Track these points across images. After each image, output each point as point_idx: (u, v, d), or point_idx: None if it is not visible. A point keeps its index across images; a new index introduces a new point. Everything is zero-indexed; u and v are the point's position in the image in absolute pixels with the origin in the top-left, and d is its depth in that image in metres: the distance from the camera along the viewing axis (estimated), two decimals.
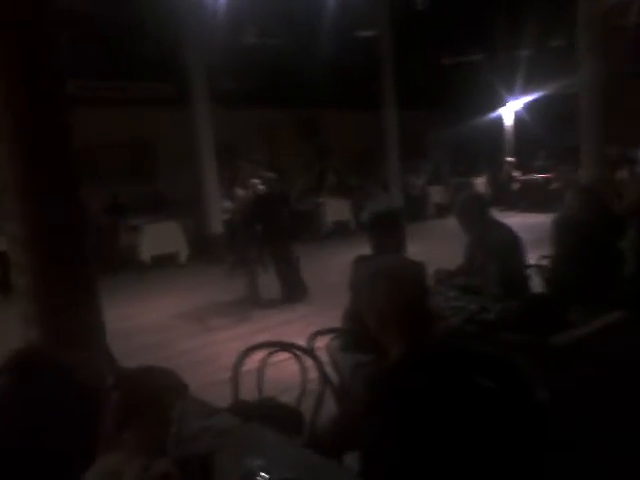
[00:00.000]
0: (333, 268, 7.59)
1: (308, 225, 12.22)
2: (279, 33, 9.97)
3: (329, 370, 2.71)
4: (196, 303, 7.38)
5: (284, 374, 2.79)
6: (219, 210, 10.38)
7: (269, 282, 7.18)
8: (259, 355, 2.59)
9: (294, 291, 7.08)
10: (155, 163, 13.06)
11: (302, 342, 2.80)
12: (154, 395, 1.56)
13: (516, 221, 6.52)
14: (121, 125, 11.98)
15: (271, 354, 2.51)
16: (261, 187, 7.24)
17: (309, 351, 2.51)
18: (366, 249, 3.17)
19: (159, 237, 9.81)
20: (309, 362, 2.56)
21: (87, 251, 2.39)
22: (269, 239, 7.00)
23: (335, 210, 12.42)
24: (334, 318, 3.13)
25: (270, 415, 2.18)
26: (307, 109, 13.90)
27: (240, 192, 7.96)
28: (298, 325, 5.97)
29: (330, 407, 2.37)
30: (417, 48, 12.85)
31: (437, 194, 14.82)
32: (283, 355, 2.63)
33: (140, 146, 12.82)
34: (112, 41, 9.07)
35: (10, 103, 2.24)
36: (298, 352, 2.52)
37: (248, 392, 2.54)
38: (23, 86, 2.28)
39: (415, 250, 3.46)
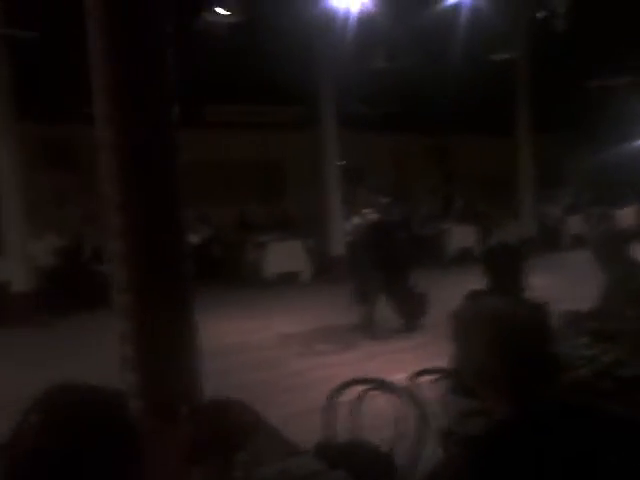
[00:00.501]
0: (455, 296, 7.21)
1: (432, 251, 11.87)
2: (410, 57, 9.85)
3: (436, 413, 2.48)
4: (313, 323, 7.38)
5: (381, 412, 2.60)
6: (341, 232, 10.40)
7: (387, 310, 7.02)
8: (357, 389, 2.44)
9: (411, 320, 6.84)
10: (283, 184, 13.54)
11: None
12: (224, 432, 1.47)
13: None
14: (253, 147, 12.60)
15: (367, 392, 2.35)
16: (373, 215, 7.09)
17: (407, 392, 2.30)
18: None
19: (283, 255, 10.03)
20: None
21: (186, 269, 2.40)
22: (384, 267, 6.82)
23: (460, 236, 11.95)
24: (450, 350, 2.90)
25: (359, 461, 2.02)
26: (436, 134, 13.64)
27: (356, 219, 7.93)
28: (411, 354, 5.74)
29: (428, 455, 2.14)
30: (557, 70, 12.10)
31: (575, 224, 13.74)
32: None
33: (270, 167, 13.37)
34: (245, 67, 9.50)
35: (114, 117, 2.32)
36: (396, 392, 2.32)
37: (341, 428, 2.39)
38: (128, 101, 2.34)
39: (543, 284, 3.13)
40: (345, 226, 10.63)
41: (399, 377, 4.89)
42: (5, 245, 7.49)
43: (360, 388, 2.39)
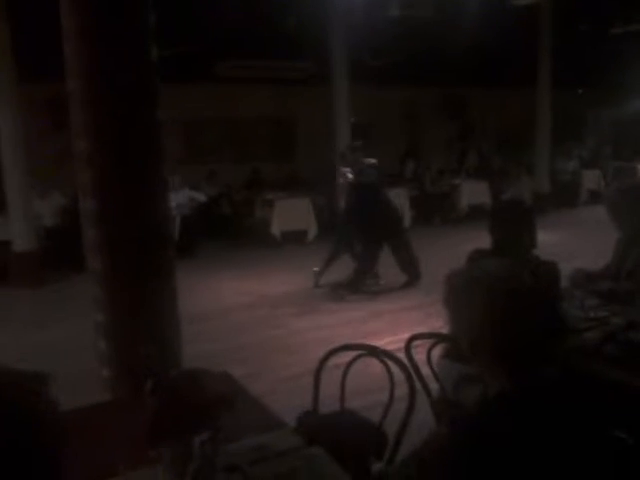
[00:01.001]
0: (464, 254, 7.09)
1: (443, 208, 11.66)
2: (426, 4, 9.36)
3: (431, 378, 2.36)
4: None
5: (375, 379, 2.48)
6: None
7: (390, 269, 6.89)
8: (350, 354, 2.31)
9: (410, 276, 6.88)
10: (294, 140, 13.31)
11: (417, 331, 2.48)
12: (197, 405, 1.33)
13: None
14: (265, 103, 12.34)
15: (356, 359, 2.22)
16: (350, 176, 6.93)
17: (398, 360, 2.17)
18: None
19: (291, 213, 9.88)
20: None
21: (164, 232, 2.25)
22: (361, 229, 6.76)
23: (472, 193, 11.67)
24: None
25: (347, 435, 1.90)
26: (453, 86, 13.18)
27: (340, 181, 7.78)
28: (417, 313, 5.65)
29: (420, 423, 2.01)
30: (580, 16, 11.51)
31: (592, 179, 13.38)
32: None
33: (281, 123, 13.12)
34: (256, 20, 9.14)
35: (85, 66, 2.14)
36: (387, 360, 2.19)
37: (331, 396, 2.27)
38: (102, 47, 2.15)
39: (555, 241, 2.96)
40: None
41: (403, 337, 4.84)
42: (7, 205, 7.42)
43: (352, 354, 2.26)
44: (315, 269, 7.03)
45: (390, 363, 2.14)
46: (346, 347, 2.23)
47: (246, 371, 4.38)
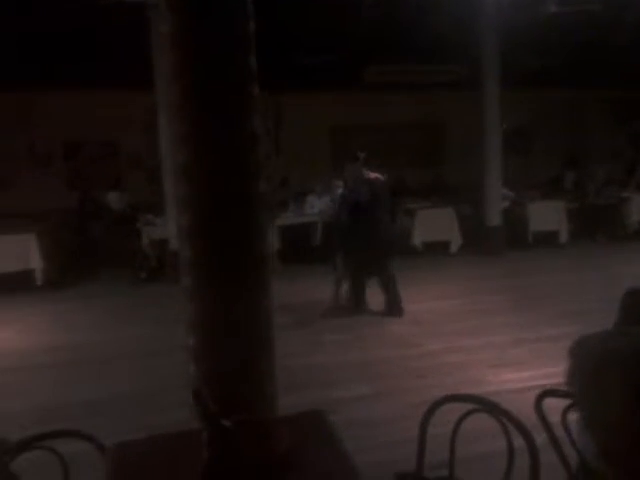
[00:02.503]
0: (629, 279, 6.25)
1: (609, 222, 10.48)
2: None
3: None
4: (458, 299, 6.85)
5: (490, 439, 2.14)
6: (499, 200, 9.58)
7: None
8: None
9: (389, 308, 6.32)
10: (442, 147, 12.87)
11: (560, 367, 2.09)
12: (256, 464, 1.16)
13: None
14: (412, 109, 12.07)
15: (469, 414, 1.90)
16: (340, 190, 6.40)
17: (521, 427, 1.79)
18: None
19: (433, 223, 9.50)
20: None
21: (260, 248, 2.12)
22: (351, 248, 6.26)
23: None
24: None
25: None
26: (619, 88, 11.86)
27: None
28: (561, 345, 5.01)
29: None
30: None
31: None
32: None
33: (429, 130, 12.77)
34: (404, 24, 8.92)
35: (182, 73, 2.07)
36: (507, 421, 1.83)
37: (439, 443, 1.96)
38: (198, 52, 2.07)
39: None
40: (505, 193, 9.84)
41: (544, 372, 4.31)
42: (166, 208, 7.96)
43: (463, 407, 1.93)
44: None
45: (510, 424, 1.79)
46: (457, 398, 1.92)
47: (374, 390, 4.21)
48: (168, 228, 8.01)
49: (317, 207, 9.77)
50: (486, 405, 1.88)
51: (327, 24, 8.40)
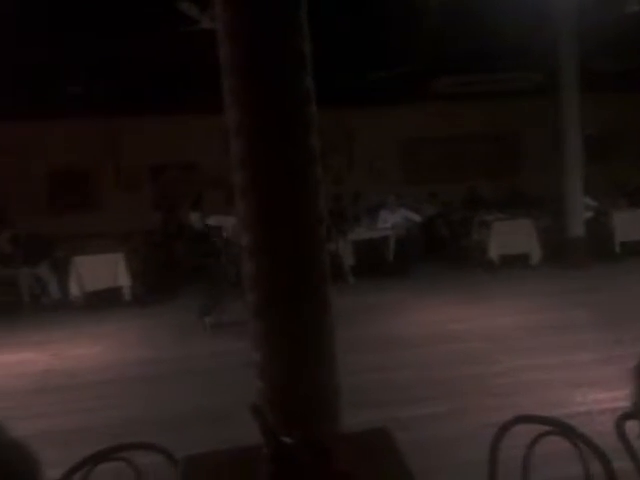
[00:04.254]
0: None
1: None
2: None
3: None
4: (537, 314, 6.64)
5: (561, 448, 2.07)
6: (581, 210, 9.20)
7: None
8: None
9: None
10: (516, 157, 12.56)
11: None
12: None
13: None
14: (483, 119, 11.87)
15: (542, 437, 1.85)
16: None
17: (600, 452, 1.72)
18: None
19: (510, 235, 9.25)
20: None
21: (322, 265, 2.18)
22: None
23: None
24: None
25: None
26: None
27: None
28: None
29: None
30: None
31: None
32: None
33: (501, 140, 12.50)
34: (474, 33, 8.80)
35: (239, 93, 2.16)
36: (584, 446, 1.77)
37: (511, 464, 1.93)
38: (256, 76, 2.16)
39: None
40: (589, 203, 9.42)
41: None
42: None
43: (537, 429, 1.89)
44: None
45: (587, 448, 1.74)
46: (529, 419, 1.87)
47: (448, 409, 4.16)
48: None
49: (389, 221, 9.78)
50: (560, 427, 1.82)
51: (395, 38, 8.43)
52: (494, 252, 9.21)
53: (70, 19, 6.28)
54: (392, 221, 9.78)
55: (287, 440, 1.24)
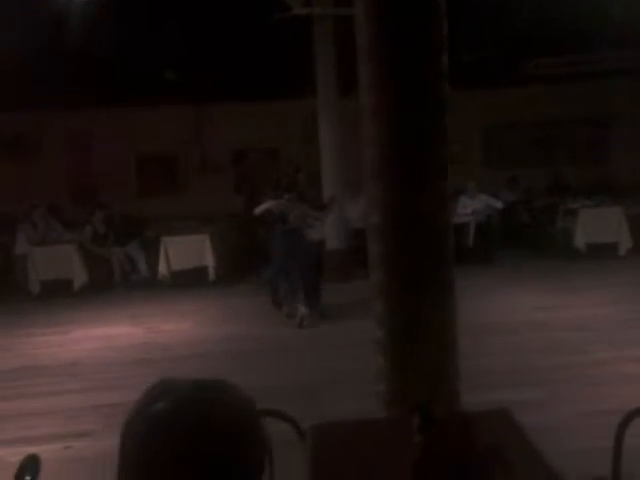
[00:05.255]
0: None
1: None
2: None
3: None
4: (627, 305, 6.39)
5: None
6: None
7: None
8: None
9: None
10: (610, 141, 11.97)
11: None
12: (467, 456, 1.28)
13: None
14: (576, 101, 11.34)
15: None
16: None
17: None
18: None
19: (598, 223, 8.90)
20: None
21: (446, 247, 2.20)
22: None
23: None
24: None
25: None
26: None
27: None
28: None
29: None
30: None
31: None
32: None
33: (594, 122, 11.94)
34: (564, 12, 8.43)
35: (376, 76, 2.20)
36: None
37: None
38: (392, 60, 2.19)
39: None
40: None
41: None
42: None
43: None
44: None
45: None
46: None
47: (539, 397, 4.12)
48: (325, 229, 8.39)
49: (470, 207, 9.62)
50: None
51: (484, 20, 8.22)
52: (580, 240, 8.89)
53: (167, 6, 6.52)
54: (472, 207, 9.61)
55: (437, 413, 1.30)
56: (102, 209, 9.65)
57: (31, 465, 1.43)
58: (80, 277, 8.69)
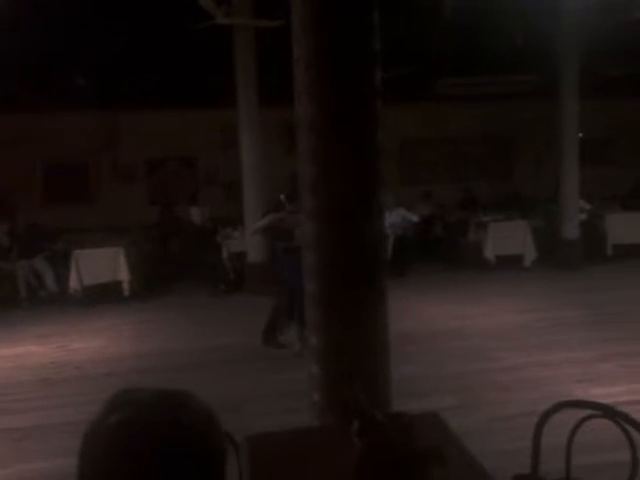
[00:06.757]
0: None
1: None
2: None
3: None
4: (534, 313, 6.78)
5: (602, 435, 2.16)
6: (576, 213, 9.38)
7: None
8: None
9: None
10: (514, 159, 12.73)
11: None
12: (406, 455, 1.29)
13: None
14: (482, 120, 11.99)
15: (586, 420, 1.93)
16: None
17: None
18: None
19: (505, 236, 9.38)
20: None
21: (380, 256, 2.25)
22: None
23: None
24: None
25: None
26: None
27: None
28: None
29: None
30: None
31: None
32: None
33: (498, 141, 12.65)
34: (475, 36, 8.91)
35: (312, 91, 2.22)
36: (630, 427, 1.85)
37: (551, 448, 2.00)
38: (328, 72, 2.21)
39: None
40: (585, 206, 9.56)
41: (635, 387, 4.25)
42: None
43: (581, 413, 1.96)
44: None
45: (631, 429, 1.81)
46: (575, 404, 1.95)
47: (458, 403, 4.25)
48: (246, 241, 8.31)
49: (387, 221, 9.84)
50: (607, 411, 1.88)
51: (399, 39, 8.51)
52: (490, 252, 9.33)
53: (84, 10, 6.27)
54: (390, 221, 9.84)
55: (378, 416, 1.30)
56: (5, 220, 9.05)
57: None
58: None
